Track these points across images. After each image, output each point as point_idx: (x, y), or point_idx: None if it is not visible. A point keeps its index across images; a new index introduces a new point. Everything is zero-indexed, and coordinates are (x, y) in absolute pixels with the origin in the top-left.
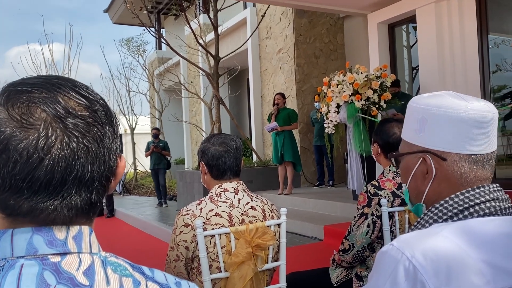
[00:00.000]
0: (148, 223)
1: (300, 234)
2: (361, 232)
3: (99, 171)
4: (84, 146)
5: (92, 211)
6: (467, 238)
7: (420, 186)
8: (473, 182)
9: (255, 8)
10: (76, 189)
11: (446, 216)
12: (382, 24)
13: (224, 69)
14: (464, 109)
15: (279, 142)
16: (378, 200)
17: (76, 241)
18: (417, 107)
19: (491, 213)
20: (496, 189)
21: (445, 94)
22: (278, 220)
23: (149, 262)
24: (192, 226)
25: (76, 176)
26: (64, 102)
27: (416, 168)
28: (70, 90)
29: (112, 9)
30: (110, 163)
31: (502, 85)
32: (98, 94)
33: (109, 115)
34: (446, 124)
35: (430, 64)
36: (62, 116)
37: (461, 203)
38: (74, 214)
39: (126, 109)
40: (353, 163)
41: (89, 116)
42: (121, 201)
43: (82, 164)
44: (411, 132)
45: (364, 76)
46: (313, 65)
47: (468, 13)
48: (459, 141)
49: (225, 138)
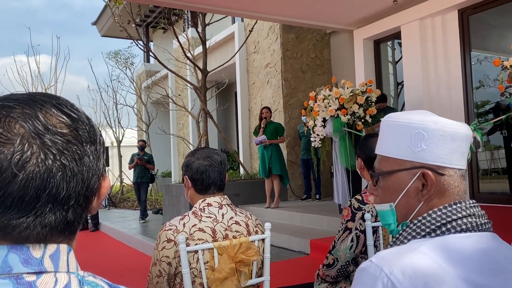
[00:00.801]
0: (133, 237)
1: (286, 249)
2: (345, 247)
3: (76, 189)
4: (60, 163)
5: (68, 230)
6: (445, 254)
7: (412, 203)
8: (461, 195)
9: (243, 23)
10: (50, 207)
11: (424, 232)
12: (367, 40)
13: (212, 83)
14: (457, 126)
15: (267, 155)
16: (362, 215)
17: (53, 260)
18: (409, 123)
19: (468, 229)
20: (472, 205)
21: (426, 112)
22: (262, 235)
23: (133, 276)
24: (175, 242)
25: (50, 193)
26: (44, 119)
27: (411, 185)
28: (53, 107)
29: (100, 22)
30: (90, 182)
31: (485, 100)
32: (84, 113)
33: (92, 134)
34: (445, 139)
35: (414, 79)
36: (41, 133)
37: (438, 219)
38: (49, 232)
39: (113, 121)
40: (339, 177)
41: (69, 134)
42: (106, 215)
43: (58, 181)
44: (402, 148)
45: (349, 91)
46: (300, 79)
47: (452, 30)
48: (454, 156)
49: (209, 152)
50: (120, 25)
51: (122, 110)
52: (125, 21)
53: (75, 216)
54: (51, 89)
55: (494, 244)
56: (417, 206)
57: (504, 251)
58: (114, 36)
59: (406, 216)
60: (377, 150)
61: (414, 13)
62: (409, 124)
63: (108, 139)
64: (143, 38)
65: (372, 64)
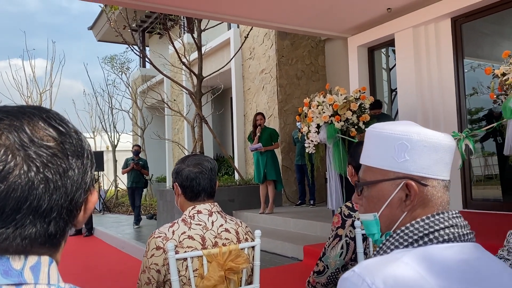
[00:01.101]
0: (127, 242)
1: (280, 255)
2: (335, 254)
3: (59, 203)
4: (43, 176)
5: (50, 243)
6: (427, 264)
7: (396, 213)
8: (445, 205)
9: (238, 29)
10: (31, 219)
11: (407, 243)
12: (362, 47)
13: (208, 88)
14: (441, 137)
15: (262, 161)
16: (352, 222)
17: (33, 271)
18: (392, 134)
19: (450, 239)
20: (455, 216)
21: (410, 123)
22: (252, 243)
23: (126, 282)
24: (164, 249)
25: (31, 205)
26: (30, 131)
27: (394, 195)
28: (40, 120)
29: (96, 27)
30: (74, 196)
31: (478, 107)
32: (74, 127)
33: (79, 148)
34: (428, 150)
35: (408, 86)
36: (26, 145)
37: (421, 229)
38: (28, 244)
39: (108, 126)
40: (333, 183)
41: (55, 147)
42: (100, 219)
43: (39, 194)
44: (386, 158)
45: (343, 98)
46: (295, 85)
47: (445, 38)
48: (437, 167)
49: (200, 159)
50: (116, 30)
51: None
52: (121, 26)
53: (56, 229)
54: (46, 94)
55: (476, 255)
56: (400, 216)
57: (486, 261)
58: (110, 41)
59: (390, 226)
60: (362, 160)
61: (407, 21)
62: (393, 134)
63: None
64: (139, 43)
65: (366, 71)
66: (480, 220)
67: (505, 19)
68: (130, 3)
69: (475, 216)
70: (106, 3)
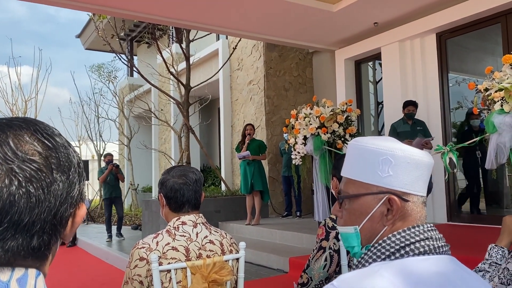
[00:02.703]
0: (110, 253)
1: (265, 266)
2: (319, 266)
3: (41, 217)
4: (25, 190)
5: (34, 256)
6: (403, 277)
7: (376, 227)
8: (422, 221)
9: (227, 40)
10: (12, 233)
11: (385, 255)
12: (349, 60)
13: (195, 98)
14: (422, 155)
15: (249, 171)
16: (336, 234)
17: (20, 283)
18: (377, 149)
19: (426, 251)
20: (430, 229)
21: (392, 138)
22: (236, 255)
23: None
24: (147, 260)
25: (12, 219)
26: (14, 145)
27: (376, 209)
28: (27, 134)
29: (84, 35)
30: (58, 210)
31: (463, 120)
32: (63, 141)
33: (67, 163)
34: (410, 167)
35: (394, 99)
36: (9, 159)
37: (397, 242)
38: (11, 257)
39: (94, 135)
40: (319, 195)
41: (39, 161)
42: (84, 230)
43: (21, 208)
44: (369, 173)
45: (330, 110)
46: (282, 97)
47: (430, 52)
48: (418, 183)
49: (185, 171)
50: (104, 39)
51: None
52: (109, 35)
53: (40, 243)
54: (31, 101)
55: (452, 267)
56: (381, 230)
57: (461, 274)
58: (98, 50)
59: (370, 239)
60: (343, 172)
61: (394, 35)
62: (377, 149)
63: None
64: (127, 52)
65: (353, 84)
66: (463, 233)
67: (488, 35)
68: (118, 12)
69: (459, 229)
70: (94, 12)
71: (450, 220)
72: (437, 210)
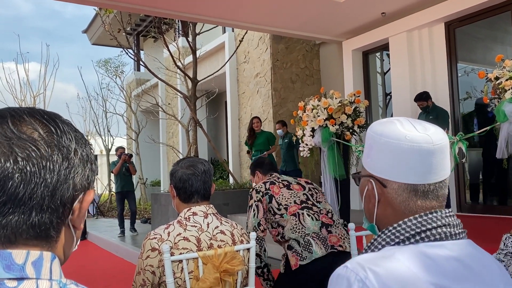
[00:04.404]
0: (121, 246)
1: (273, 257)
2: (251, 218)
3: (37, 192)
4: (22, 166)
5: (36, 235)
6: (418, 261)
7: (370, 208)
8: (415, 211)
9: (233, 33)
10: (9, 207)
11: (398, 240)
12: (356, 51)
13: (202, 92)
14: (403, 140)
15: None
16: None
17: (35, 266)
18: (368, 133)
19: (442, 238)
20: (448, 215)
21: (397, 121)
22: (247, 245)
23: (120, 286)
24: (159, 251)
25: (7, 193)
26: (13, 124)
27: (366, 191)
28: (26, 115)
29: (90, 30)
30: (57, 189)
31: (472, 111)
32: (68, 128)
33: (65, 145)
34: (386, 153)
35: (402, 90)
36: (7, 137)
37: (413, 227)
38: (12, 234)
39: (103, 130)
40: (327, 186)
41: (37, 138)
42: (94, 224)
43: (16, 182)
44: (364, 156)
45: (338, 101)
46: (289, 89)
47: (438, 42)
48: (398, 170)
49: (193, 161)
50: (111, 33)
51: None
52: (115, 29)
53: (40, 220)
54: (39, 97)
55: (469, 251)
56: (373, 212)
57: (479, 257)
58: (105, 44)
59: (370, 218)
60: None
61: (401, 25)
62: (368, 134)
63: (97, 147)
64: (134, 46)
65: (361, 75)
66: (474, 224)
67: (498, 24)
68: (124, 6)
69: (469, 219)
70: (100, 6)
71: (460, 210)
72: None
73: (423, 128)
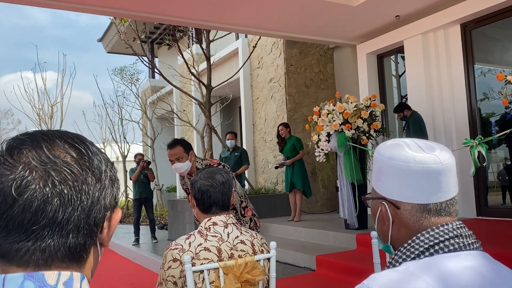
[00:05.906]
0: (139, 253)
1: (292, 265)
2: None
3: (74, 215)
4: (59, 190)
5: (70, 257)
6: (434, 273)
7: (385, 230)
8: (429, 227)
9: (247, 39)
10: (48, 231)
11: (414, 255)
12: (370, 54)
13: (217, 98)
14: (413, 162)
15: (289, 170)
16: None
17: (66, 287)
18: (376, 156)
19: (456, 249)
20: (459, 226)
21: (403, 143)
22: (267, 255)
23: None
24: (180, 261)
25: (47, 217)
26: (48, 149)
27: (379, 213)
28: (58, 139)
29: (106, 39)
30: (91, 210)
31: (490, 112)
32: (95, 149)
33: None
34: (397, 176)
35: (418, 93)
36: (43, 162)
37: (426, 241)
38: (49, 258)
39: (119, 136)
40: (344, 192)
41: (71, 164)
42: None
43: (55, 207)
44: (374, 179)
45: (353, 106)
46: (304, 94)
47: (454, 44)
48: (409, 192)
49: (212, 172)
50: (126, 42)
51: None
52: (130, 38)
53: (76, 243)
54: (57, 106)
55: (483, 262)
56: (388, 233)
57: (495, 268)
58: (120, 53)
59: (384, 239)
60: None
61: (416, 28)
62: (376, 157)
63: (114, 154)
64: (148, 54)
65: (376, 78)
66: (495, 228)
67: None
68: (139, 15)
69: (489, 224)
70: (115, 15)
71: (480, 215)
72: (467, 205)
73: (430, 149)
